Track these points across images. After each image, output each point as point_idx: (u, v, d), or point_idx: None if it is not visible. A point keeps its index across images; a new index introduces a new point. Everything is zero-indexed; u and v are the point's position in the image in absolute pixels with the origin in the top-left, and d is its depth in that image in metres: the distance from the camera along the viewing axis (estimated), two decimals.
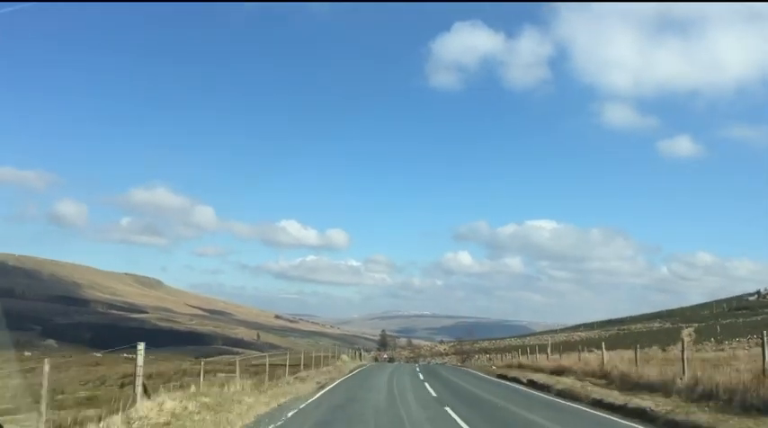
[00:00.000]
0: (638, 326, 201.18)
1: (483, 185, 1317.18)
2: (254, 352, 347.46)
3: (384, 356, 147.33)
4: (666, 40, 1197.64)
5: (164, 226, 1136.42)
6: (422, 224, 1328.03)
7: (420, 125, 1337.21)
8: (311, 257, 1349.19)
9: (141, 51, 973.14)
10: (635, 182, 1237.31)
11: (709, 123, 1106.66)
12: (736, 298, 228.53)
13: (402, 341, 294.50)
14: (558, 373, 32.41)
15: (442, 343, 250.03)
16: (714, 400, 17.15)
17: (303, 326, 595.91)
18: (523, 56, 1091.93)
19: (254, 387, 23.55)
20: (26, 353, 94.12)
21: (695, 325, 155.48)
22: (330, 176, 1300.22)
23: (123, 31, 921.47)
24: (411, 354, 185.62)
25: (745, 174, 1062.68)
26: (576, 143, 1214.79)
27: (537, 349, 69.14)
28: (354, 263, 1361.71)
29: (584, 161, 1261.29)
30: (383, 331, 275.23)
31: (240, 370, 28.71)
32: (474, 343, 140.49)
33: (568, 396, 24.48)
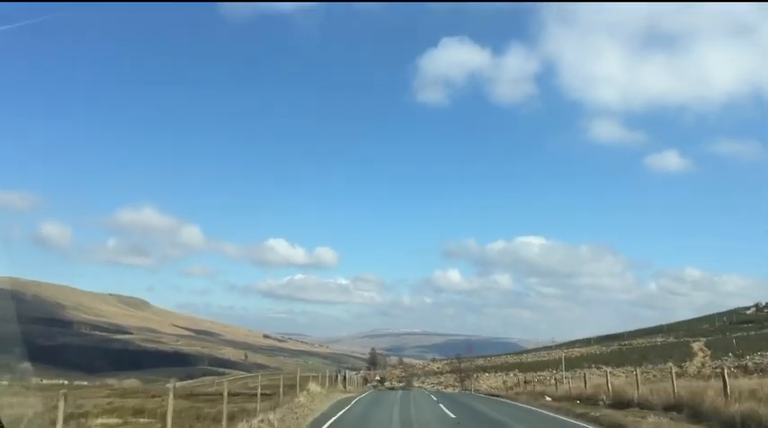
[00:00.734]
0: (639, 341, 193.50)
1: (471, 202, 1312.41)
2: (240, 372, 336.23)
3: (376, 377, 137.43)
4: (654, 54, 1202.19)
5: (150, 246, 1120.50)
6: (411, 241, 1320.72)
7: (408, 142, 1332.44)
8: (300, 276, 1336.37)
9: (127, 73, 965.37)
10: (623, 197, 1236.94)
11: (698, 138, 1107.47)
12: (731, 312, 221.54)
13: (392, 359, 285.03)
14: (623, 406, 23.91)
15: (434, 360, 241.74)
16: None
17: (292, 346, 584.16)
18: (510, 71, 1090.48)
19: None
20: None
21: (702, 339, 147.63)
22: (318, 195, 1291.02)
23: (108, 50, 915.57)
24: (403, 374, 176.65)
25: (733, 189, 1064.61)
26: (565, 159, 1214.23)
27: (552, 370, 60.15)
28: (343, 282, 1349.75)
29: (572, 177, 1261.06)
30: (373, 349, 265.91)
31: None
32: (471, 361, 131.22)
33: None
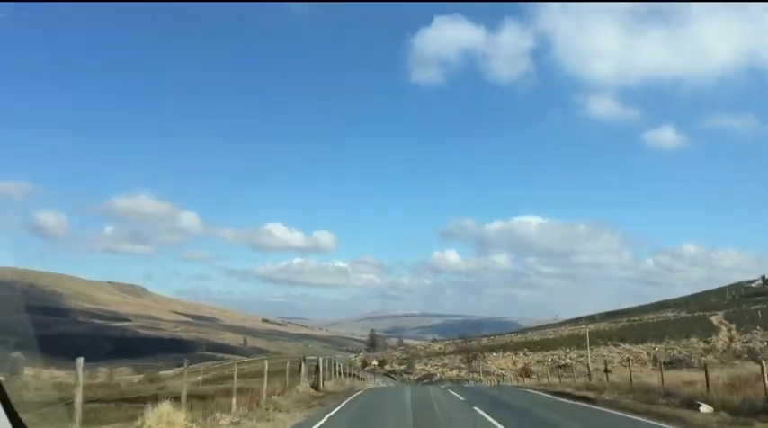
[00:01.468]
0: (650, 317, 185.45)
1: (469, 181, 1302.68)
2: (239, 357, 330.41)
3: (374, 362, 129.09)
4: (649, 28, 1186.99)
5: (148, 233, 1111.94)
6: (409, 223, 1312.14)
7: (404, 122, 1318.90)
8: (298, 260, 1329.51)
9: (120, 58, 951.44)
10: (620, 174, 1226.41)
11: (694, 113, 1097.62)
12: (736, 286, 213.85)
13: (392, 341, 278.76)
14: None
15: (435, 341, 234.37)
16: None
17: (291, 329, 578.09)
18: (505, 48, 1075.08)
19: None
20: None
21: (719, 312, 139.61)
22: (315, 178, 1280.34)
23: (102, 35, 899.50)
24: (404, 356, 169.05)
25: (729, 165, 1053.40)
26: (561, 136, 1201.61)
27: (566, 348, 51.31)
28: (342, 265, 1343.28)
29: (569, 154, 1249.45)
30: (372, 331, 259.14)
31: None
32: (478, 340, 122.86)
33: None
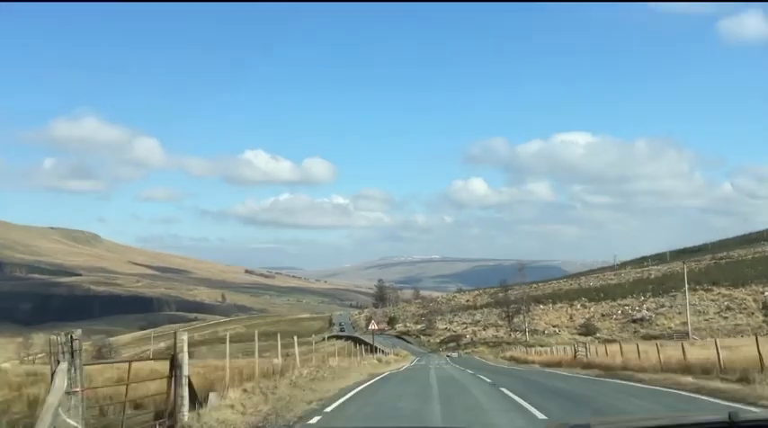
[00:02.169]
0: (739, 253, 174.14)
1: (498, 92, 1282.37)
2: (217, 317, 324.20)
3: (378, 324, 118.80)
4: None
5: (98, 166, 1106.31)
6: (424, 146, 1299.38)
7: (417, 19, 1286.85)
8: (286, 196, 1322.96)
9: None
10: (690, 77, 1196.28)
11: None
12: None
13: (406, 293, 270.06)
14: None
15: (461, 291, 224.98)
16: None
17: (282, 282, 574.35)
18: None
19: None
20: None
21: None
22: (304, 90, 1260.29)
23: None
24: (422, 311, 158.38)
25: None
26: (615, 30, 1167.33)
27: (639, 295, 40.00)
28: (341, 201, 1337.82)
29: (625, 54, 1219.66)
30: (380, 281, 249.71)
31: None
32: (524, 288, 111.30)
33: None
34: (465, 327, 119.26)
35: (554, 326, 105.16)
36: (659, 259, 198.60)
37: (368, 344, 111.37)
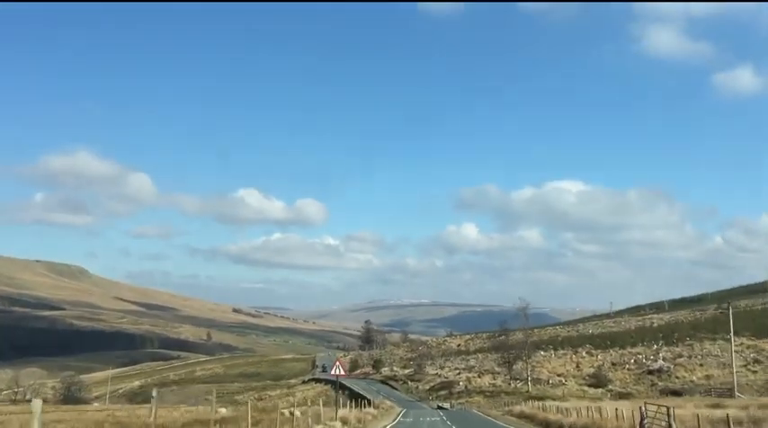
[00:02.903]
0: (743, 303, 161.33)
1: (491, 138, 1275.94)
2: (200, 355, 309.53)
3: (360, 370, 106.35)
4: None
5: (89, 201, 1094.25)
6: (417, 190, 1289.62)
7: (411, 61, 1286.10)
8: (278, 235, 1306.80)
9: None
10: (684, 127, 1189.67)
11: None
12: None
13: (394, 336, 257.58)
14: None
15: (451, 336, 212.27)
16: None
17: (269, 322, 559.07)
18: None
19: None
20: None
21: None
22: (298, 132, 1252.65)
23: None
24: (411, 354, 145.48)
25: None
26: (610, 79, 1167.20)
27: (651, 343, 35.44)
28: (332, 242, 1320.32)
29: (619, 103, 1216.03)
30: (367, 322, 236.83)
31: None
32: (527, 332, 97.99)
33: None
34: (458, 374, 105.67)
35: (558, 375, 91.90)
36: (657, 308, 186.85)
37: (348, 389, 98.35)
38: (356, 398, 67.65)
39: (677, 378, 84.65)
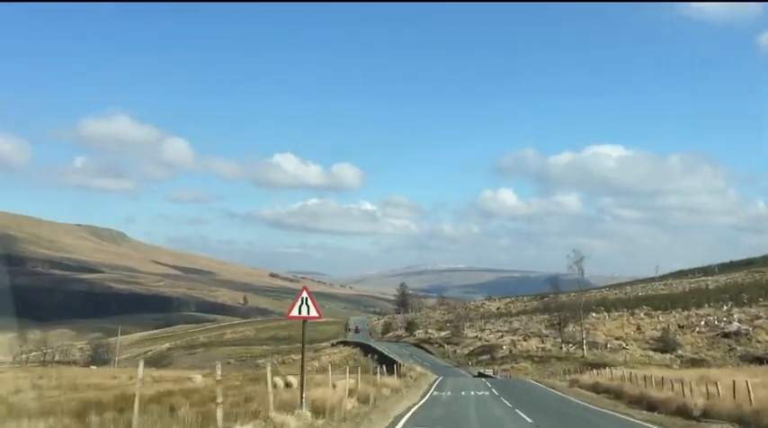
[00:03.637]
0: None
1: (531, 103, 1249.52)
2: (235, 318, 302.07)
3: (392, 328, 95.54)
4: None
5: (128, 166, 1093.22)
6: (455, 155, 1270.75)
7: (449, 31, 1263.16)
8: (314, 201, 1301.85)
9: None
10: (728, 90, 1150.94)
11: None
12: None
13: (430, 301, 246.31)
14: None
15: (490, 299, 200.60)
16: None
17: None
18: None
19: None
20: None
21: None
22: (336, 97, 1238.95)
23: None
24: (448, 317, 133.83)
25: None
26: (652, 43, 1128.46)
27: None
28: (369, 208, 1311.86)
29: (662, 67, 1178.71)
30: (402, 285, 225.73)
31: None
32: (582, 293, 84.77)
33: None
34: (500, 337, 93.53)
35: (617, 339, 79.17)
36: (704, 272, 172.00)
37: (377, 353, 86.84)
38: (386, 363, 56.58)
39: (758, 342, 71.51)
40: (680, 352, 71.03)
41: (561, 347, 78.25)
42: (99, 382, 35.68)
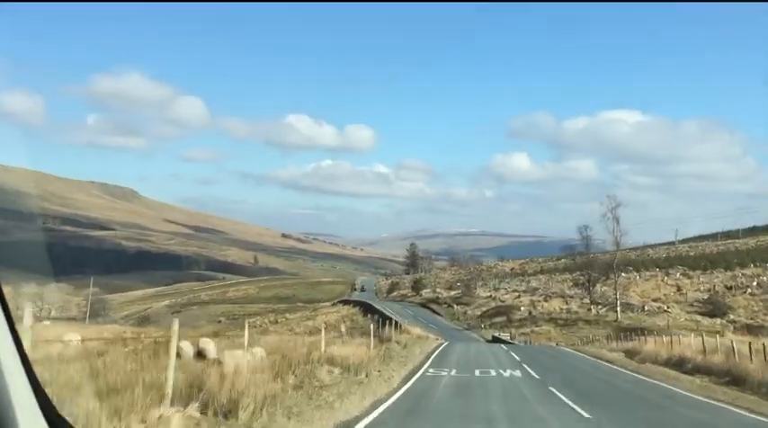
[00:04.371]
0: None
1: (546, 65, 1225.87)
2: (241, 277, 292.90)
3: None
4: None
5: (141, 124, 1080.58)
6: (468, 118, 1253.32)
7: None
8: (328, 162, 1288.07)
9: None
10: (747, 51, 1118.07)
11: None
12: None
13: (442, 264, 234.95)
14: None
15: (503, 260, 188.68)
16: None
17: (317, 247, 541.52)
18: None
19: None
20: None
21: None
22: (350, 56, 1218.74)
23: None
24: (459, 277, 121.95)
25: None
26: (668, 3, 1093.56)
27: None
28: (383, 170, 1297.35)
29: (679, 28, 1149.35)
30: (412, 245, 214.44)
31: None
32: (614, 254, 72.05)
33: None
34: (517, 297, 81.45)
35: (654, 300, 66.92)
36: (727, 236, 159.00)
37: (378, 313, 75.66)
38: (386, 324, 44.92)
39: None
40: (732, 316, 58.96)
41: (590, 309, 66.31)
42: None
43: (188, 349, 18.35)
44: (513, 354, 30.90)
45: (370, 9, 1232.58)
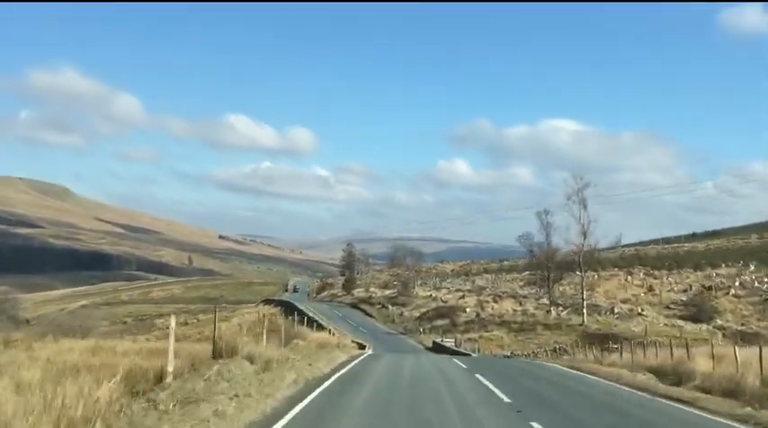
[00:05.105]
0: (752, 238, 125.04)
1: (486, 71, 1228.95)
2: (172, 278, 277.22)
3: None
4: None
5: (76, 120, 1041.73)
6: (410, 122, 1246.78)
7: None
8: (267, 164, 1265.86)
9: None
10: (685, 67, 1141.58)
11: None
12: None
13: (380, 266, 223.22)
14: None
15: (443, 262, 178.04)
16: None
17: (255, 249, 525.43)
18: None
19: None
20: None
21: None
22: (292, 57, 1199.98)
23: None
24: (397, 277, 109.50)
25: None
26: (609, 12, 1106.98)
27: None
28: (323, 173, 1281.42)
29: (619, 39, 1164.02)
30: (349, 245, 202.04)
31: None
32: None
33: None
34: (462, 297, 69.83)
35: (623, 302, 56.13)
36: (666, 241, 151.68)
37: (303, 314, 63.44)
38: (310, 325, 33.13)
39: None
40: (719, 321, 48.58)
41: (549, 311, 55.21)
42: None
43: None
44: (484, 380, 18.37)
45: (312, 8, 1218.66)
